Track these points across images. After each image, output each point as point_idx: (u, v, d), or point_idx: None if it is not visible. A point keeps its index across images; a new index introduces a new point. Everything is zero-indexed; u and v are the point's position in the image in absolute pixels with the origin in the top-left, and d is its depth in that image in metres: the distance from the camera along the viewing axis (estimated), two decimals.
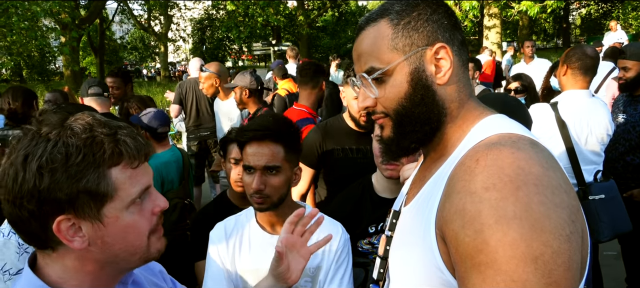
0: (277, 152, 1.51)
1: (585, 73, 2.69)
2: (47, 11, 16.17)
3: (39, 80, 27.62)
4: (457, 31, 0.93)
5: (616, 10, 27.46)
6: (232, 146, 2.18)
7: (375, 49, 0.92)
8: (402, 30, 0.90)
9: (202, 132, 4.74)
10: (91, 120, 0.84)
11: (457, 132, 0.92)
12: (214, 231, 1.66)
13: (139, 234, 0.89)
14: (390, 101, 0.92)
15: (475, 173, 0.74)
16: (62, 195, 0.79)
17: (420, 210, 0.89)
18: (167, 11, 29.07)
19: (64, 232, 0.82)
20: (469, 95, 0.95)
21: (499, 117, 0.92)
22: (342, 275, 1.59)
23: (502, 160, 0.73)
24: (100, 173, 0.81)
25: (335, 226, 1.65)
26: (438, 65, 0.90)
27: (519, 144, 0.77)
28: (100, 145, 0.81)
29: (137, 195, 0.87)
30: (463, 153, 0.83)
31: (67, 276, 0.87)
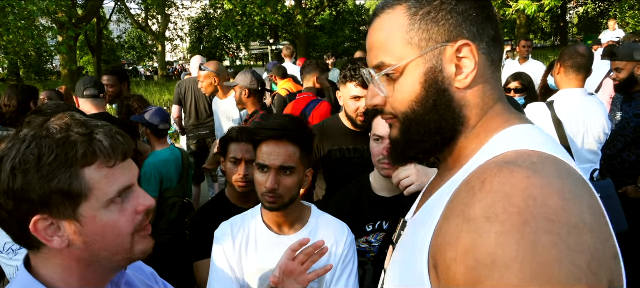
0: (293, 153, 1.51)
1: (578, 71, 2.70)
2: (44, 10, 16.11)
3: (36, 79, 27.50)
4: (489, 24, 0.79)
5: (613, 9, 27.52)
6: (232, 145, 2.18)
7: (387, 42, 0.80)
8: (419, 22, 0.77)
9: (201, 131, 4.74)
10: (69, 121, 0.85)
11: (474, 141, 0.79)
12: (220, 230, 1.65)
13: (119, 234, 0.88)
14: (400, 103, 0.81)
15: (477, 197, 0.63)
16: (35, 195, 0.79)
17: (418, 228, 0.79)
18: (165, 10, 29.00)
19: (41, 232, 0.82)
20: (497, 99, 0.81)
21: (526, 127, 0.78)
22: (348, 275, 1.59)
23: (512, 186, 0.60)
24: (72, 173, 0.81)
25: (342, 227, 1.65)
26: (459, 66, 0.77)
27: (538, 166, 0.64)
28: (73, 146, 0.82)
29: (115, 195, 0.86)
30: (474, 168, 0.71)
31: (57, 275, 0.88)
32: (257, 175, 1.55)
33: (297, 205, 1.61)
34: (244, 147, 2.14)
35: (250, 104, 3.35)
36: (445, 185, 0.78)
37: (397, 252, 0.91)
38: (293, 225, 1.61)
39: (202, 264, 2.00)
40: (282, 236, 1.59)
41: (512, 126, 0.78)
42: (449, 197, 0.71)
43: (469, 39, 0.76)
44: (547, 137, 0.75)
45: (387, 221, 1.82)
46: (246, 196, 2.18)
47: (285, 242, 1.57)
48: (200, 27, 33.47)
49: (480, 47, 0.77)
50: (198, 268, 2.01)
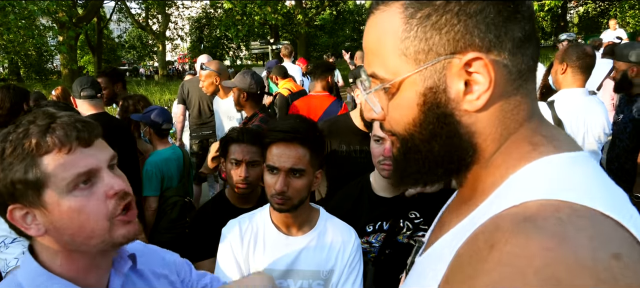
0: (303, 155, 1.50)
1: (585, 71, 2.71)
2: (45, 10, 16.13)
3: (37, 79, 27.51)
4: (513, 25, 0.60)
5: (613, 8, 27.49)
6: (232, 146, 2.17)
7: (381, 48, 0.65)
8: (416, 28, 0.60)
9: (204, 131, 4.73)
10: (39, 113, 0.91)
11: (493, 173, 0.63)
12: (228, 228, 1.65)
13: (89, 218, 0.89)
14: (395, 124, 0.68)
15: (483, 267, 0.49)
16: (2, 186, 0.86)
17: (422, 279, 0.67)
18: (165, 10, 28.99)
19: (18, 220, 0.89)
20: (526, 118, 0.63)
21: (562, 158, 0.59)
22: (354, 279, 1.59)
23: (527, 259, 0.46)
24: (28, 162, 0.86)
25: (349, 231, 1.65)
26: (470, 83, 0.60)
27: (568, 226, 0.47)
28: (28, 137, 0.87)
29: (73, 178, 0.88)
30: (486, 217, 0.56)
31: (50, 258, 0.94)
32: (266, 176, 1.54)
33: (306, 207, 1.60)
34: (245, 148, 2.13)
35: (248, 106, 3.30)
36: (454, 230, 0.65)
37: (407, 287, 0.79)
38: (301, 226, 1.60)
39: (201, 265, 2.00)
40: (291, 237, 1.58)
41: (541, 157, 0.59)
42: (455, 251, 0.58)
43: (481, 49, 0.59)
44: (588, 171, 0.57)
45: (387, 221, 1.82)
46: (245, 197, 2.18)
47: (294, 243, 1.57)
48: (200, 27, 33.46)
49: (499, 58, 0.60)
50: (198, 269, 2.01)
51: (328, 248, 1.58)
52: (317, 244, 1.58)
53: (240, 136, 2.15)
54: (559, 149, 0.60)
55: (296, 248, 1.57)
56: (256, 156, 2.13)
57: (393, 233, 1.79)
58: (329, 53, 12.64)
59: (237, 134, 2.17)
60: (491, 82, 0.59)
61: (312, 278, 1.56)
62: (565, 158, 0.59)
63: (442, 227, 0.73)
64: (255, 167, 2.14)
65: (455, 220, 0.68)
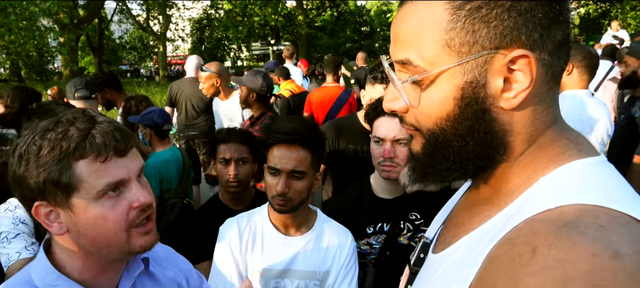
0: (304, 157, 1.52)
1: (591, 71, 2.70)
2: (46, 11, 16.14)
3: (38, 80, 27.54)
4: (556, 27, 0.59)
5: (615, 9, 27.49)
6: (220, 146, 2.18)
7: (418, 37, 0.62)
8: (464, 20, 0.59)
9: (190, 131, 4.71)
10: (78, 116, 0.92)
11: (519, 175, 0.63)
12: (226, 227, 1.66)
13: (110, 227, 0.91)
14: (426, 117, 0.65)
15: (527, 270, 0.49)
16: (32, 183, 0.87)
17: (446, 279, 0.66)
18: (166, 11, 29.03)
19: (42, 217, 0.90)
20: (552, 121, 0.64)
21: (587, 163, 0.60)
22: (350, 280, 1.61)
23: (573, 264, 0.46)
24: (64, 165, 0.87)
25: (346, 233, 1.67)
26: (509, 79, 0.60)
27: (609, 234, 0.48)
28: (68, 140, 0.88)
29: (103, 188, 0.90)
30: (519, 220, 0.56)
31: (66, 258, 0.96)
32: (267, 177, 1.55)
33: (305, 208, 1.62)
34: (233, 147, 2.14)
35: (255, 106, 3.33)
36: (482, 229, 0.64)
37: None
38: (299, 227, 1.62)
39: (197, 268, 1.99)
40: (289, 237, 1.60)
41: (570, 161, 0.60)
42: (486, 253, 0.57)
43: (527, 47, 0.58)
44: (614, 176, 0.59)
45: (387, 223, 1.81)
46: (239, 198, 2.18)
47: (292, 243, 1.59)
48: (201, 28, 33.48)
49: (541, 58, 0.59)
50: None
51: (325, 250, 1.60)
52: (315, 245, 1.60)
53: (227, 136, 2.17)
54: (584, 153, 0.61)
55: (294, 248, 1.58)
56: (245, 154, 2.15)
57: (394, 235, 1.78)
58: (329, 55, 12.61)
59: (224, 134, 2.19)
60: (532, 81, 0.58)
61: (308, 279, 1.58)
62: (591, 163, 0.60)
63: (460, 226, 0.72)
64: (245, 164, 2.15)
65: (476, 220, 0.67)
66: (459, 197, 0.84)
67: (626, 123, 3.06)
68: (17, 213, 1.82)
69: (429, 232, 0.89)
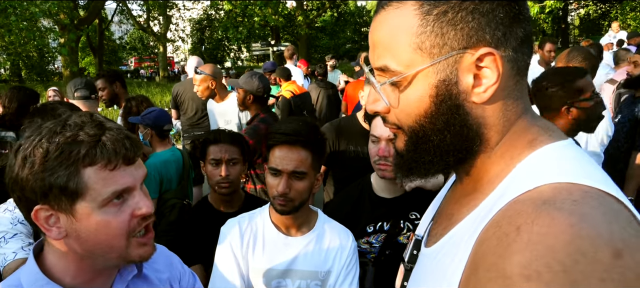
0: (305, 158, 1.53)
1: (591, 72, 2.70)
2: (46, 12, 16.15)
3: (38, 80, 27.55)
4: (517, 25, 0.65)
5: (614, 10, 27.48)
6: (211, 147, 2.17)
7: (393, 43, 0.68)
8: (433, 24, 0.64)
9: (196, 131, 4.72)
10: (85, 119, 0.90)
11: (498, 163, 0.68)
12: (227, 227, 1.66)
13: (112, 235, 0.90)
14: (405, 116, 0.70)
15: (513, 248, 0.53)
16: (37, 186, 0.85)
17: (439, 270, 0.69)
18: (166, 11, 29.04)
19: (41, 221, 0.88)
20: (522, 111, 0.69)
21: (557, 147, 0.66)
22: (351, 280, 1.61)
23: (554, 236, 0.51)
24: (72, 171, 0.85)
25: (347, 233, 1.67)
26: (478, 76, 0.65)
27: (583, 206, 0.53)
28: (77, 145, 0.86)
29: (110, 196, 0.89)
30: (502, 203, 0.61)
31: (58, 263, 0.94)
32: (268, 178, 1.56)
33: (306, 209, 1.63)
34: (223, 148, 2.13)
35: (253, 108, 3.32)
36: (470, 217, 0.68)
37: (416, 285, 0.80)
38: (300, 227, 1.63)
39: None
40: (290, 237, 1.61)
41: (542, 146, 0.66)
42: (475, 237, 0.61)
43: (492, 45, 0.64)
44: (582, 156, 0.64)
45: (387, 222, 1.82)
46: (229, 200, 2.17)
47: (293, 244, 1.60)
48: (201, 28, 33.50)
49: (505, 54, 0.65)
50: None
51: (326, 250, 1.61)
52: (316, 245, 1.60)
53: (218, 137, 2.17)
54: (554, 138, 0.67)
55: (295, 248, 1.59)
56: (235, 154, 2.14)
57: (393, 234, 1.79)
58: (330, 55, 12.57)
59: (214, 135, 2.18)
60: (499, 76, 0.64)
61: (309, 279, 1.58)
62: (562, 146, 0.66)
63: (450, 218, 0.75)
64: (235, 165, 2.14)
65: (464, 210, 0.71)
66: (445, 192, 0.89)
67: (627, 120, 3.06)
68: (16, 213, 1.80)
69: (419, 229, 0.92)
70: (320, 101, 6.06)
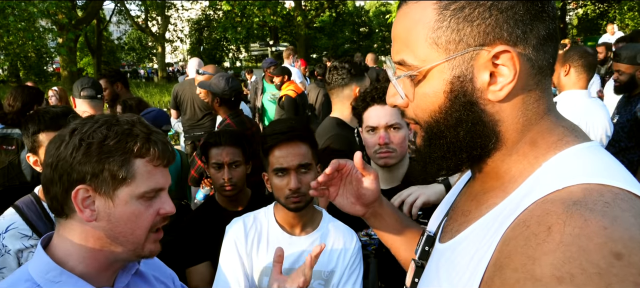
0: (306, 151, 1.56)
1: (589, 71, 2.71)
2: (44, 12, 16.13)
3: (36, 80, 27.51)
4: (539, 23, 0.63)
5: (613, 10, 27.54)
6: (212, 150, 2.15)
7: (411, 38, 0.68)
8: (449, 19, 0.64)
9: (196, 131, 4.72)
10: (136, 119, 1.00)
11: (520, 162, 0.67)
12: (232, 226, 1.67)
13: (139, 225, 0.98)
14: (421, 111, 0.70)
15: (544, 248, 0.51)
16: (90, 167, 0.92)
17: (457, 265, 0.68)
18: (165, 12, 29.02)
19: (79, 201, 0.93)
20: (545, 111, 0.67)
21: (586, 148, 0.64)
22: (355, 280, 1.62)
23: (588, 238, 0.49)
24: (125, 159, 0.94)
25: (351, 233, 1.68)
26: (495, 74, 0.64)
27: (614, 209, 0.52)
28: (134, 137, 0.96)
29: (149, 190, 0.97)
30: (528, 202, 0.59)
31: (71, 252, 0.97)
32: (275, 180, 1.56)
33: (310, 207, 1.63)
34: (225, 151, 2.12)
35: (221, 111, 3.13)
36: (490, 214, 0.66)
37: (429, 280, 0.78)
38: (305, 227, 1.63)
39: (195, 270, 1.99)
40: (294, 237, 1.61)
41: (569, 147, 0.64)
42: (500, 235, 0.60)
43: (509, 43, 0.62)
44: (610, 158, 0.63)
45: None
46: (235, 199, 2.17)
47: (297, 243, 1.60)
48: (199, 29, 33.48)
49: (524, 52, 0.63)
50: (191, 275, 2.00)
51: (330, 250, 1.61)
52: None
53: (218, 139, 2.15)
54: (581, 139, 0.66)
55: (299, 248, 1.59)
56: (237, 157, 2.13)
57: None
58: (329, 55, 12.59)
59: (215, 138, 2.16)
60: (515, 75, 0.63)
61: (313, 278, 1.58)
62: (589, 147, 0.64)
63: (467, 215, 0.74)
64: (238, 167, 2.13)
65: (484, 207, 0.69)
66: (459, 189, 0.87)
67: (626, 121, 3.06)
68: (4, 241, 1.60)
69: (430, 226, 0.90)
70: (319, 101, 6.07)
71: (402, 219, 1.17)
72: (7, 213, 1.68)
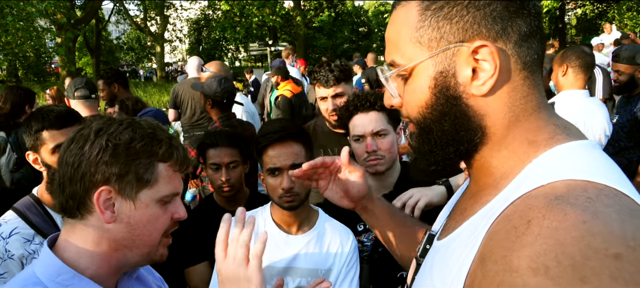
0: (299, 151, 1.57)
1: (586, 70, 2.71)
2: (43, 11, 16.10)
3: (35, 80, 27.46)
4: (519, 19, 0.66)
5: (612, 10, 27.57)
6: (210, 151, 2.15)
7: (399, 39, 0.72)
8: (430, 19, 0.67)
9: (196, 131, 4.71)
10: (156, 125, 1.01)
11: (510, 158, 0.68)
12: None
13: (155, 228, 0.99)
14: (411, 107, 0.74)
15: (522, 241, 0.52)
16: (116, 168, 0.92)
17: (448, 260, 0.69)
18: (164, 11, 28.99)
19: (101, 202, 0.92)
20: (535, 108, 0.69)
21: (576, 146, 0.65)
22: (351, 278, 1.63)
23: (565, 231, 0.50)
24: (151, 161, 0.95)
25: (347, 232, 1.69)
26: (477, 69, 0.66)
27: (596, 204, 0.52)
28: (159, 141, 0.97)
29: (168, 194, 0.99)
30: (515, 197, 0.60)
31: (82, 255, 0.95)
32: (269, 180, 1.57)
33: (306, 206, 1.64)
34: (222, 152, 2.12)
35: (213, 113, 3.08)
36: (482, 211, 0.67)
37: (424, 276, 0.79)
38: (301, 226, 1.65)
39: (194, 270, 1.99)
40: (291, 236, 1.63)
41: (559, 144, 0.65)
42: (485, 230, 0.61)
43: (488, 38, 0.65)
44: (601, 156, 0.63)
45: None
46: (233, 199, 2.17)
47: (294, 242, 1.61)
48: (198, 29, 33.45)
49: (505, 48, 0.66)
50: (190, 274, 2.00)
51: (327, 248, 1.62)
52: (316, 244, 1.62)
53: (216, 140, 2.14)
54: (573, 137, 0.66)
55: (296, 246, 1.61)
56: (235, 157, 2.13)
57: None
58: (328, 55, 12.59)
59: (213, 139, 2.16)
60: (496, 69, 0.65)
61: (310, 276, 1.60)
62: (580, 145, 0.65)
63: (464, 212, 0.76)
64: (236, 168, 2.13)
65: (477, 205, 0.71)
66: (462, 190, 0.90)
67: (626, 121, 3.07)
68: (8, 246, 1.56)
69: (435, 225, 0.93)
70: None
71: (400, 218, 1.21)
72: (9, 217, 1.64)
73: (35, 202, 1.69)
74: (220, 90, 2.97)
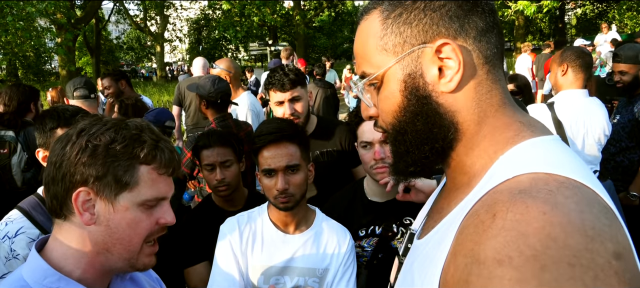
0: (294, 151, 1.56)
1: (585, 70, 2.70)
2: (43, 11, 16.10)
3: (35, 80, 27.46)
4: (474, 17, 0.70)
5: (611, 10, 27.56)
6: (204, 152, 2.15)
7: (366, 50, 0.76)
8: (392, 26, 0.72)
9: (199, 131, 4.71)
10: (145, 126, 0.98)
11: (481, 156, 0.70)
12: (226, 225, 1.68)
13: (137, 233, 0.95)
14: (385, 113, 0.77)
15: (488, 234, 0.55)
16: (94, 169, 0.90)
17: (427, 258, 0.72)
18: (164, 11, 28.98)
19: (79, 203, 0.91)
20: (501, 103, 0.72)
21: (540, 141, 0.68)
22: (348, 277, 1.63)
23: (527, 223, 0.52)
24: (131, 163, 0.92)
25: (344, 231, 1.69)
26: (443, 68, 0.69)
27: (557, 195, 0.55)
28: (142, 143, 0.94)
29: (151, 198, 0.95)
30: (483, 193, 0.63)
31: (67, 256, 0.94)
32: (264, 180, 1.57)
33: (303, 205, 1.65)
34: (215, 152, 2.12)
35: (208, 114, 3.03)
36: (455, 210, 0.70)
37: (405, 274, 0.82)
38: (299, 225, 1.65)
39: (193, 270, 1.99)
40: (288, 235, 1.63)
41: (525, 140, 0.68)
42: (458, 226, 0.64)
43: (448, 37, 0.69)
44: (564, 151, 0.66)
45: (379, 226, 1.81)
46: (232, 199, 2.17)
47: (291, 241, 1.61)
48: (198, 28, 33.43)
49: (465, 44, 0.69)
50: (189, 275, 2.00)
51: (324, 248, 1.63)
52: (314, 243, 1.62)
53: (208, 141, 2.14)
54: (537, 133, 0.69)
55: (293, 246, 1.61)
56: (228, 156, 2.13)
57: (386, 238, 1.78)
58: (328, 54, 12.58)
59: (205, 140, 2.16)
60: (460, 64, 0.68)
61: (307, 276, 1.60)
62: (543, 140, 0.68)
63: (441, 211, 0.78)
64: (230, 167, 2.13)
65: (453, 203, 0.73)
66: (440, 189, 0.93)
67: (627, 121, 3.06)
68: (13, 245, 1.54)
69: (415, 224, 0.95)
70: (318, 101, 6.07)
71: None
72: (14, 216, 1.62)
73: (41, 202, 1.69)
74: (214, 91, 2.93)
